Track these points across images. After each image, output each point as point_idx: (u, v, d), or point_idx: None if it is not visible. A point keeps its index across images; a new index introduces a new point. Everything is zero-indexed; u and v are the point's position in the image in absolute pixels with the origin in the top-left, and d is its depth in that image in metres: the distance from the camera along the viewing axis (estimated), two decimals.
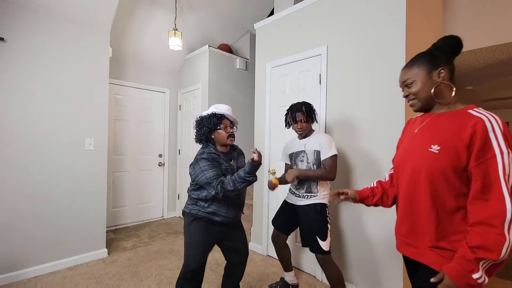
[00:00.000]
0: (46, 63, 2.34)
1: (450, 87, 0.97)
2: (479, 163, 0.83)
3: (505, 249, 0.78)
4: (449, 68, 0.97)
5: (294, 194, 1.91)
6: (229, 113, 1.66)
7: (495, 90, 4.33)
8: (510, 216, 0.77)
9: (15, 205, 2.19)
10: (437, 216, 0.93)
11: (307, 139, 1.87)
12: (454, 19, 2.56)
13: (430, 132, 0.98)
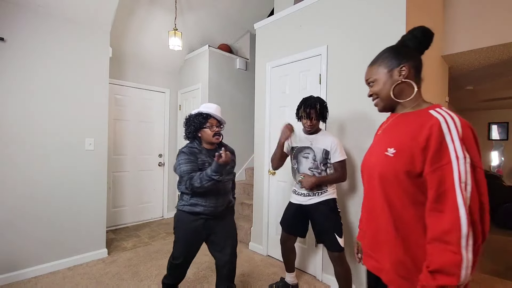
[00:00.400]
0: (46, 63, 2.34)
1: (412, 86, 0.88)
2: (434, 169, 0.73)
3: (464, 270, 0.66)
4: (413, 65, 0.89)
5: (301, 195, 1.87)
6: (217, 113, 1.68)
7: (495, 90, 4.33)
8: (466, 231, 0.66)
9: (15, 205, 2.19)
10: (394, 226, 0.82)
11: (314, 136, 1.85)
12: (454, 19, 2.56)
13: (389, 134, 0.91)
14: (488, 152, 6.31)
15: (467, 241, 0.66)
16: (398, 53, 0.91)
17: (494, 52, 2.53)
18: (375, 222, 0.90)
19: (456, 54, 2.59)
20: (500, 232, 3.96)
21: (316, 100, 1.80)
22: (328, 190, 1.82)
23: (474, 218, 0.68)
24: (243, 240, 3.11)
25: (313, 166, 1.82)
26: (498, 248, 3.32)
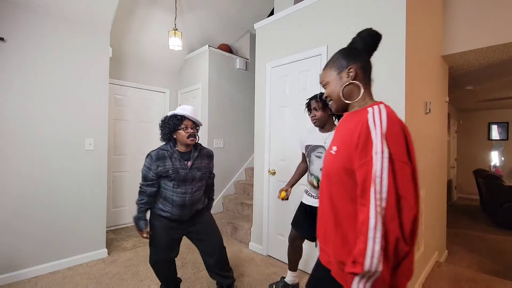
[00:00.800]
0: (46, 63, 2.34)
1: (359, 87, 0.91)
2: (361, 165, 0.75)
3: (368, 259, 0.67)
4: (360, 66, 0.92)
5: (311, 196, 1.82)
6: (192, 115, 1.68)
7: (495, 90, 4.33)
8: (374, 223, 0.68)
9: (15, 205, 2.19)
10: (335, 222, 0.85)
11: (329, 134, 1.73)
12: (454, 19, 2.56)
13: (336, 134, 0.95)
14: (488, 152, 6.31)
15: (374, 233, 0.68)
16: (347, 55, 0.94)
17: (494, 52, 2.53)
18: (323, 218, 0.92)
19: (456, 54, 2.59)
20: (500, 232, 3.96)
21: (319, 93, 1.76)
22: None
23: (390, 212, 0.69)
24: (243, 240, 3.11)
25: None
26: (498, 248, 3.32)
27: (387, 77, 1.90)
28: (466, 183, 6.41)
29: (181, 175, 1.65)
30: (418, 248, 2.12)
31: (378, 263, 0.67)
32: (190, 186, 1.69)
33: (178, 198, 1.66)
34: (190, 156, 1.72)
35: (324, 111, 1.71)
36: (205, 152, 1.82)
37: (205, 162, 1.79)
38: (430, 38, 2.32)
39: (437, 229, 2.74)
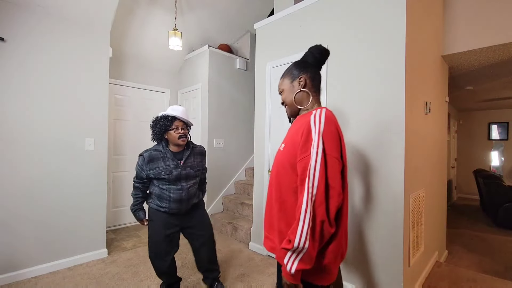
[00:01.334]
0: (46, 63, 2.34)
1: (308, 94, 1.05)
2: (301, 159, 0.88)
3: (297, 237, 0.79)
4: (310, 76, 1.05)
5: None
6: (183, 115, 1.74)
7: (495, 90, 4.33)
8: (305, 207, 0.80)
9: (15, 205, 2.19)
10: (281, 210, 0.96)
11: None
12: (454, 19, 2.56)
13: (287, 133, 1.07)
14: (488, 152, 6.31)
15: (305, 215, 0.80)
16: (298, 67, 1.07)
17: (494, 52, 2.53)
18: (270, 207, 1.04)
19: (456, 54, 2.59)
20: (500, 232, 3.96)
21: None
22: None
23: (319, 198, 0.81)
24: (243, 240, 3.11)
25: None
26: (498, 248, 3.32)
27: (387, 77, 1.90)
28: (466, 183, 6.41)
29: (174, 174, 1.72)
30: (418, 248, 2.12)
31: (305, 241, 0.79)
32: (185, 183, 1.78)
33: (175, 194, 1.74)
34: (183, 155, 1.79)
35: None
36: (198, 150, 1.90)
37: (197, 160, 1.88)
38: (430, 38, 2.32)
39: (437, 229, 2.74)
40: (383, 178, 1.91)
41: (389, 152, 1.89)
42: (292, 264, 0.80)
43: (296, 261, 0.80)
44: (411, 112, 1.92)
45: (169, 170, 1.71)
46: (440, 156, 2.82)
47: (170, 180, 1.71)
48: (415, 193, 2.05)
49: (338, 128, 0.91)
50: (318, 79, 1.09)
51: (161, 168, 1.71)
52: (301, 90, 1.04)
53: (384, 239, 1.90)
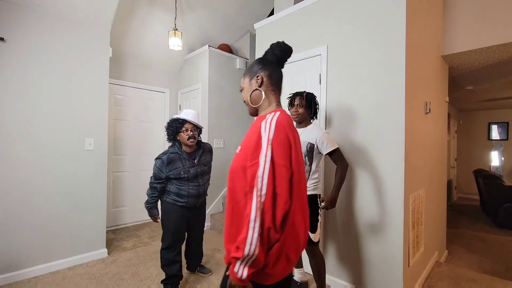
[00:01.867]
0: (46, 63, 2.34)
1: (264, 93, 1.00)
2: (251, 165, 0.87)
3: (247, 246, 0.79)
4: (268, 74, 1.00)
5: None
6: (193, 118, 1.90)
7: (495, 90, 4.33)
8: (254, 215, 0.80)
9: (15, 205, 2.19)
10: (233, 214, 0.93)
11: (303, 129, 1.86)
12: (454, 19, 2.56)
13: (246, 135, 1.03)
14: (488, 152, 6.31)
15: (254, 223, 0.79)
16: (257, 64, 1.03)
17: (494, 52, 2.53)
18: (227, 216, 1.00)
19: (456, 54, 2.59)
20: (500, 232, 3.96)
21: (304, 91, 1.88)
22: (308, 187, 1.78)
23: (266, 206, 0.81)
24: None
25: None
26: (498, 248, 3.32)
27: (387, 77, 1.90)
28: (466, 183, 6.41)
29: (192, 173, 1.90)
30: (418, 248, 2.12)
31: (255, 248, 0.79)
32: (202, 179, 2.00)
33: (194, 190, 1.95)
34: (196, 154, 1.97)
35: (306, 109, 1.84)
36: (207, 148, 2.11)
37: (208, 157, 2.10)
38: (430, 38, 2.32)
39: (437, 229, 2.74)
40: (383, 178, 1.91)
41: (389, 152, 1.89)
42: (243, 271, 0.80)
43: (246, 267, 0.80)
44: (411, 112, 1.92)
45: (187, 169, 1.90)
46: (440, 156, 2.82)
47: (189, 178, 1.90)
48: (415, 193, 2.05)
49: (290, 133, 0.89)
50: (277, 78, 1.04)
51: (180, 168, 1.89)
52: (256, 89, 1.01)
53: (384, 239, 1.90)
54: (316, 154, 1.80)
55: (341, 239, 2.15)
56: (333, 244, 2.20)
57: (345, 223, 2.13)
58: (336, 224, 2.18)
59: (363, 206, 2.02)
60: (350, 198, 2.10)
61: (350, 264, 2.09)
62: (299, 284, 2.13)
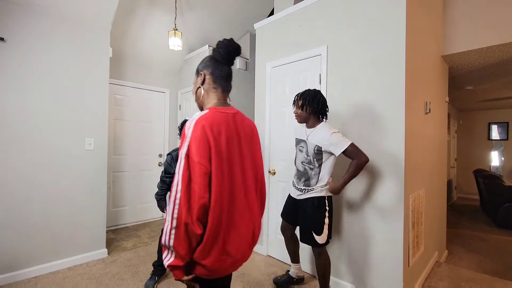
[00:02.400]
0: (46, 63, 2.33)
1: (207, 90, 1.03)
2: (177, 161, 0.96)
3: (164, 236, 0.85)
4: (211, 72, 1.03)
5: (295, 187, 1.91)
6: None
7: (495, 90, 4.33)
8: (172, 208, 0.84)
9: (15, 205, 2.19)
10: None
11: (312, 129, 1.81)
12: (454, 19, 2.56)
13: None
14: (488, 152, 6.31)
15: (171, 216, 0.84)
16: (203, 63, 1.07)
17: (494, 52, 2.53)
18: None
19: (456, 54, 2.59)
20: (500, 232, 3.97)
21: (308, 91, 1.82)
22: (315, 188, 1.77)
23: (181, 200, 0.84)
24: None
25: (305, 160, 1.81)
26: (498, 248, 3.32)
27: (387, 77, 1.90)
28: (466, 183, 6.41)
29: None
30: (418, 248, 2.12)
31: (169, 240, 0.84)
32: None
33: None
34: None
35: (302, 109, 1.80)
36: None
37: None
38: (430, 38, 2.32)
39: (437, 229, 2.74)
40: (383, 178, 1.91)
41: (389, 152, 1.89)
42: (168, 260, 0.86)
43: (171, 258, 0.86)
44: (411, 112, 1.92)
45: None
46: (440, 156, 2.82)
47: None
48: (415, 193, 2.05)
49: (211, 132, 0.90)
50: (221, 76, 1.04)
51: None
52: (199, 87, 1.04)
53: (384, 239, 1.90)
54: (326, 156, 1.74)
55: (341, 239, 2.15)
56: (333, 244, 2.20)
57: (345, 223, 2.12)
58: (336, 224, 2.18)
59: (363, 206, 2.02)
60: (350, 198, 2.10)
61: (350, 264, 2.09)
62: (295, 280, 2.16)
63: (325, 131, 1.73)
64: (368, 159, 1.69)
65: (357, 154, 1.67)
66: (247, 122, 1.08)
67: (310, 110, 1.79)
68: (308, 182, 1.80)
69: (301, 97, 1.81)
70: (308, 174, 1.80)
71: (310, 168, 1.79)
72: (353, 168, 1.69)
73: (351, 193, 2.09)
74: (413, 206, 2.00)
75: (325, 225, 1.76)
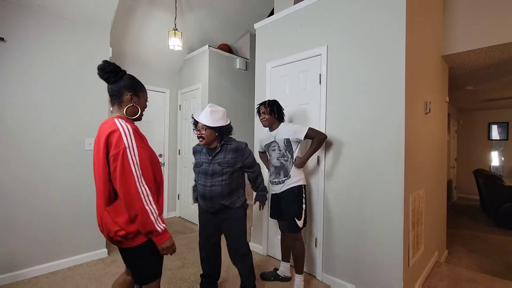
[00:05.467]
0: (46, 63, 2.34)
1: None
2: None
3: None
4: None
5: (274, 183, 2.12)
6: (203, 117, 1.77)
7: (495, 90, 4.33)
8: None
9: (15, 205, 2.19)
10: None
11: (275, 131, 2.12)
12: (454, 19, 2.56)
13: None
14: (488, 152, 6.31)
15: None
16: None
17: (494, 52, 2.53)
18: None
19: (456, 54, 2.59)
20: (500, 232, 3.97)
21: (268, 100, 2.16)
22: (293, 178, 2.02)
23: None
24: None
25: (279, 155, 2.09)
26: (498, 248, 3.32)
27: (387, 77, 1.90)
28: (466, 183, 6.41)
29: (203, 168, 1.83)
30: (418, 248, 2.12)
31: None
32: (210, 180, 1.79)
33: (201, 189, 1.84)
34: (214, 151, 1.83)
35: (271, 114, 2.10)
36: (232, 147, 1.81)
37: (229, 156, 1.78)
38: (430, 38, 2.32)
39: (437, 229, 2.74)
40: (383, 178, 1.91)
41: (389, 152, 1.89)
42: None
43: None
44: (411, 112, 1.92)
45: (200, 163, 1.86)
46: (440, 156, 2.82)
47: (200, 173, 1.85)
48: (415, 193, 2.05)
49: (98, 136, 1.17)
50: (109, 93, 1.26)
51: (197, 160, 1.91)
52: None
53: (384, 239, 1.90)
54: (294, 145, 2.05)
55: (341, 239, 2.15)
56: (333, 244, 2.20)
57: (345, 223, 2.13)
58: (336, 224, 2.18)
59: (363, 206, 2.02)
60: (350, 198, 2.10)
61: (350, 264, 2.09)
62: (280, 278, 2.25)
63: (287, 126, 2.09)
64: (326, 136, 2.05)
65: (317, 134, 2.01)
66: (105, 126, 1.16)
67: (276, 115, 2.12)
68: (286, 172, 2.05)
69: (269, 105, 2.11)
70: (284, 165, 2.06)
71: (285, 160, 2.06)
72: (315, 144, 2.00)
73: (351, 193, 2.09)
74: (413, 206, 2.00)
75: (303, 211, 2.01)
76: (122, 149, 1.07)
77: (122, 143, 1.08)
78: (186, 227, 3.69)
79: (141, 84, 1.33)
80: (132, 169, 1.08)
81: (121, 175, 1.06)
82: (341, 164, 2.15)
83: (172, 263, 2.56)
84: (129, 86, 1.26)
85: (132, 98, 1.24)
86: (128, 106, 1.22)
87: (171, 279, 2.25)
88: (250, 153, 1.87)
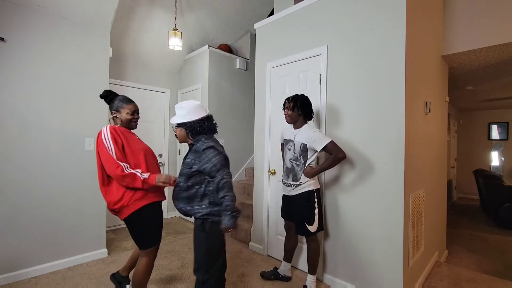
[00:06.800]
0: (46, 63, 2.34)
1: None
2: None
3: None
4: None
5: (286, 185, 2.07)
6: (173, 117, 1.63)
7: (495, 90, 4.33)
8: None
9: (15, 205, 2.19)
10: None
11: (298, 130, 2.02)
12: (454, 19, 2.56)
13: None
14: (488, 152, 6.31)
15: None
16: None
17: (494, 52, 2.53)
18: None
19: (456, 54, 2.59)
20: (500, 232, 3.97)
21: (297, 95, 2.03)
22: (303, 184, 1.96)
23: None
24: (243, 240, 3.11)
25: (293, 157, 2.01)
26: (498, 248, 3.32)
27: (387, 77, 1.90)
28: (466, 183, 6.41)
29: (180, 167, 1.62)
30: (418, 248, 2.12)
31: None
32: (178, 180, 1.59)
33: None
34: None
35: (293, 110, 1.98)
36: (194, 147, 1.57)
37: (189, 157, 1.55)
38: (430, 38, 2.32)
39: (437, 229, 2.74)
40: (383, 178, 1.91)
41: (389, 152, 1.89)
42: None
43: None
44: (411, 112, 1.92)
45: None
46: (440, 156, 2.82)
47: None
48: (415, 193, 2.05)
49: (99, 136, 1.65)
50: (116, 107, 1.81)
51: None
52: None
53: (384, 239, 1.90)
54: (311, 153, 1.95)
55: (341, 239, 2.15)
56: (333, 244, 2.20)
57: (345, 223, 2.12)
58: (337, 224, 2.18)
59: (363, 206, 2.02)
60: (350, 198, 2.10)
61: (350, 264, 2.09)
62: (280, 276, 2.24)
63: (309, 130, 1.95)
64: (345, 155, 1.87)
65: (335, 150, 1.86)
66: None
67: (300, 112, 1.98)
68: (295, 177, 1.99)
69: (293, 100, 1.98)
70: (295, 170, 2.00)
71: (296, 164, 1.99)
72: (330, 161, 1.88)
73: (351, 193, 2.09)
74: (413, 206, 2.00)
75: (316, 216, 1.95)
76: (100, 142, 1.60)
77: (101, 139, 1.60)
78: (186, 227, 3.69)
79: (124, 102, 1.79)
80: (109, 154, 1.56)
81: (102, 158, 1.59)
82: (341, 164, 2.15)
83: (172, 263, 2.56)
84: (113, 105, 1.76)
85: (115, 113, 1.77)
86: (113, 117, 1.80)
87: (171, 279, 2.25)
88: (210, 158, 1.46)
